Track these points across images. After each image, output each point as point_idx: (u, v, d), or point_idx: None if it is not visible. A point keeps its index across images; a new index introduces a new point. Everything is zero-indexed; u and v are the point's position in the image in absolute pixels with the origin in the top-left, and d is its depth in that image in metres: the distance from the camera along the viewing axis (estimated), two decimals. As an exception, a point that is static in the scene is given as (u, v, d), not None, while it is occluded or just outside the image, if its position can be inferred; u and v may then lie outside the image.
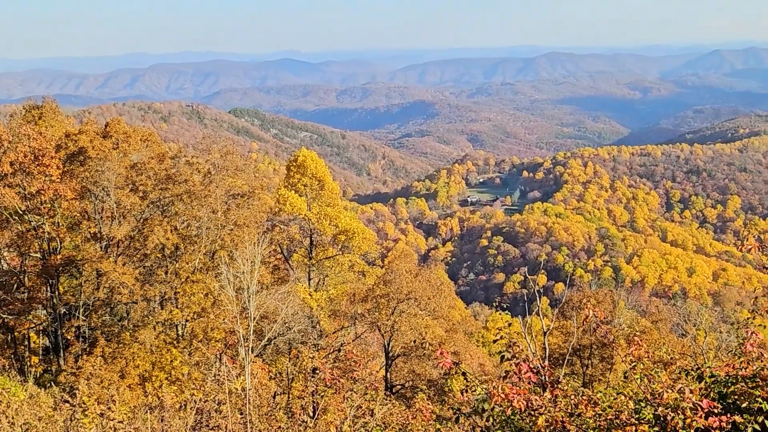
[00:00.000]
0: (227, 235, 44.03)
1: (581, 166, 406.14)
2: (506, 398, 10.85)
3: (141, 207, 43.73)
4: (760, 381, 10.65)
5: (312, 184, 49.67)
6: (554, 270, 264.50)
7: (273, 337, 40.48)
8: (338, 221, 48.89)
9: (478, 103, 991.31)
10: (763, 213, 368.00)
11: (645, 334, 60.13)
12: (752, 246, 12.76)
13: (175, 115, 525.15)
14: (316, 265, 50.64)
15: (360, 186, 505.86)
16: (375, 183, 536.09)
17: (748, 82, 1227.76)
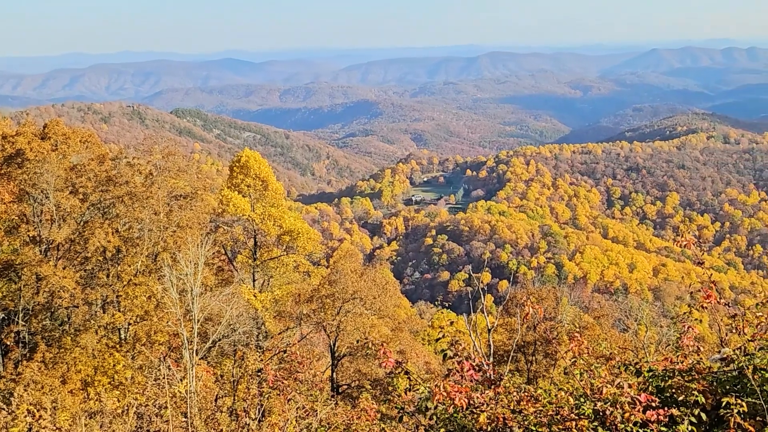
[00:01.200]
0: (170, 236, 43.51)
1: (524, 164, 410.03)
2: (448, 396, 10.92)
3: (81, 209, 43.04)
4: (696, 374, 10.90)
5: (255, 185, 49.42)
6: (498, 267, 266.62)
7: (217, 339, 40.23)
8: (282, 221, 48.72)
9: (421, 102, 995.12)
10: (701, 209, 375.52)
11: (587, 330, 61.01)
12: (688, 241, 13.01)
13: (116, 115, 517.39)
14: (261, 266, 50.39)
15: (304, 186, 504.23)
16: (319, 183, 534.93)
17: (685, 80, 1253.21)
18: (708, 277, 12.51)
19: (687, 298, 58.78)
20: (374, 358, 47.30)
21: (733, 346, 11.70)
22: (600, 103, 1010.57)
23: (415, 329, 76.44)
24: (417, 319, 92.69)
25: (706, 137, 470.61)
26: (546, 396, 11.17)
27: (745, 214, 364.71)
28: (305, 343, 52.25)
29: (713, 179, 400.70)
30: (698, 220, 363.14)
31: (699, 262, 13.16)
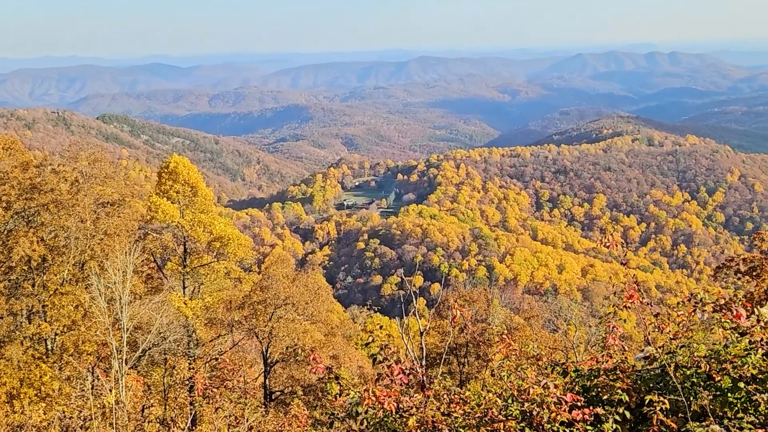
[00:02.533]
0: (97, 244, 42.75)
1: (454, 168, 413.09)
2: (377, 401, 10.98)
3: (4, 218, 42.01)
4: (621, 373, 11.14)
5: (185, 191, 48.88)
6: (430, 271, 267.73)
7: (147, 347, 39.64)
8: (213, 228, 48.28)
9: (351, 106, 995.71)
10: (627, 210, 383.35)
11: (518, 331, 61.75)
12: (612, 242, 13.31)
13: (40, 122, 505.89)
14: (191, 273, 49.86)
15: (235, 191, 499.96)
16: (250, 188, 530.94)
17: (610, 84, 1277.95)
18: (631, 277, 12.82)
19: (613, 298, 60.77)
20: (306, 364, 47.12)
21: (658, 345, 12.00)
22: (528, 107, 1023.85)
23: (348, 334, 76.38)
24: (350, 324, 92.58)
25: (631, 140, 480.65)
26: (475, 398, 11.31)
27: (670, 215, 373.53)
28: (237, 350, 51.87)
29: (638, 181, 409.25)
30: (624, 221, 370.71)
31: (623, 263, 13.48)
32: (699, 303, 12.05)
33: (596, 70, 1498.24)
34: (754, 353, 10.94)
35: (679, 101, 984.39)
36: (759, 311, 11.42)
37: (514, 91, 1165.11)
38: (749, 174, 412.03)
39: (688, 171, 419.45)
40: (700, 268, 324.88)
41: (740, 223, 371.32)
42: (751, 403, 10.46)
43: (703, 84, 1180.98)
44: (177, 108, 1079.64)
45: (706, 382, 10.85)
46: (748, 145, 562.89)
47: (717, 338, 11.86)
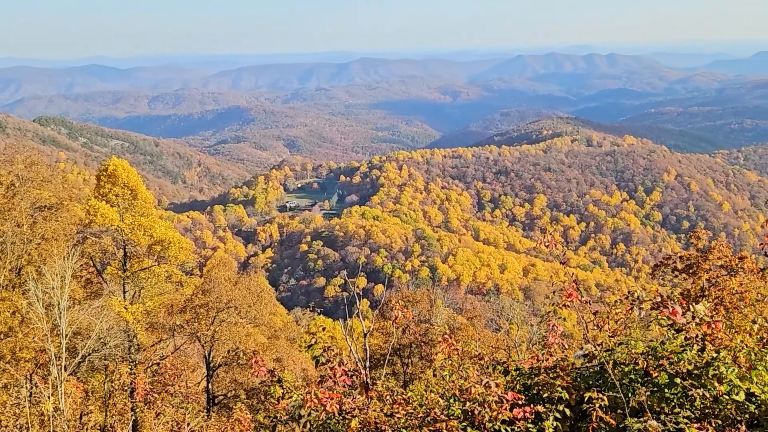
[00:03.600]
0: (34, 249, 41.93)
1: (396, 169, 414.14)
2: (320, 403, 10.99)
3: (-63, 223, 41.05)
4: (561, 371, 11.31)
5: (124, 194, 48.21)
6: (374, 272, 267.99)
7: (87, 353, 39.00)
8: (153, 231, 47.69)
9: (293, 108, 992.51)
10: (567, 210, 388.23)
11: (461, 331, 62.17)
12: (551, 241, 13.51)
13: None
14: (132, 277, 49.18)
15: (176, 194, 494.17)
16: (191, 191, 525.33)
17: (549, 85, 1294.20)
18: (570, 276, 13.01)
19: (553, 297, 61.16)
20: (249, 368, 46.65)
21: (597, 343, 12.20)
22: (469, 108, 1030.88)
23: (292, 336, 76.06)
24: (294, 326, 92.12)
25: (570, 140, 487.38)
26: (417, 398, 11.39)
27: (609, 214, 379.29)
28: (179, 355, 51.30)
29: (578, 181, 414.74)
30: (565, 220, 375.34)
31: (563, 262, 13.68)
32: (636, 301, 12.27)
33: (536, 72, 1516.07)
34: (689, 349, 11.19)
35: (617, 102, 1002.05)
36: (694, 308, 11.67)
37: (455, 93, 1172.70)
38: (685, 173, 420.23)
39: (626, 171, 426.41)
40: (639, 267, 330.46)
41: (677, 222, 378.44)
42: (687, 398, 10.69)
43: (640, 85, 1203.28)
44: (116, 110, 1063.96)
45: (643, 379, 11.06)
46: (684, 145, 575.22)
47: (655, 335, 12.09)
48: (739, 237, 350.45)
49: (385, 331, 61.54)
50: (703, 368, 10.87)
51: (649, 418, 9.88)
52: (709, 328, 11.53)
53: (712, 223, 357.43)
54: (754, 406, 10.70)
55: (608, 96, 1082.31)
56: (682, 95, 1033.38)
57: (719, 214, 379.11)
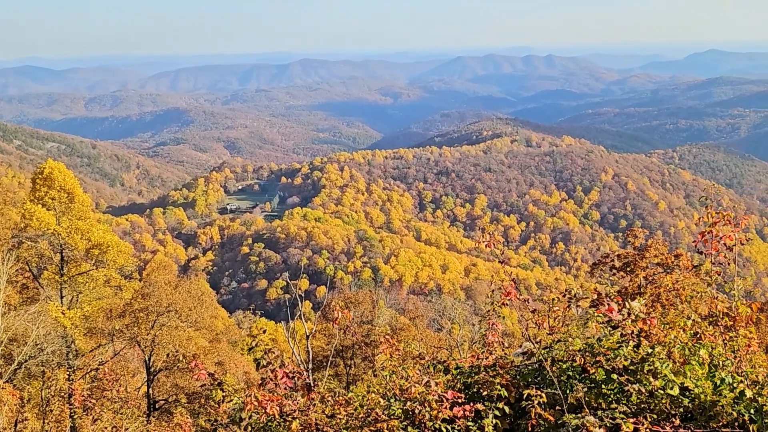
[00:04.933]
0: (-32, 255, 41.06)
1: (338, 170, 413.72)
2: (260, 405, 10.96)
3: None
4: (500, 369, 11.46)
5: (61, 197, 47.43)
6: (316, 274, 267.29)
7: (24, 360, 38.32)
8: (91, 235, 46.98)
9: (233, 110, 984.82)
10: (507, 210, 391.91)
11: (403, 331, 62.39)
12: (489, 241, 13.68)
13: None
14: (69, 282, 48.38)
15: (114, 197, 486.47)
16: (130, 193, 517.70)
17: (489, 87, 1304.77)
18: (509, 275, 13.18)
19: (492, 296, 60.66)
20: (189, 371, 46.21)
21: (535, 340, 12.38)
22: (410, 110, 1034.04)
23: (233, 339, 75.68)
24: (235, 329, 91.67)
25: (510, 141, 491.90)
26: (358, 399, 11.43)
27: (548, 214, 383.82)
28: (119, 360, 50.64)
29: (518, 181, 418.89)
30: (505, 220, 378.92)
31: (502, 261, 13.84)
32: (573, 298, 12.48)
33: (476, 73, 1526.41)
34: (625, 345, 11.41)
35: (556, 103, 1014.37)
36: (630, 305, 11.90)
37: (396, 94, 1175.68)
38: (622, 173, 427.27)
39: (565, 171, 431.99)
40: (578, 265, 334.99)
41: (614, 221, 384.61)
42: (623, 394, 10.90)
43: (577, 86, 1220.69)
44: (52, 112, 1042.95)
45: (581, 375, 11.25)
46: (621, 145, 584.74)
47: (592, 332, 12.31)
48: (674, 235, 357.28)
49: (328, 333, 61.50)
50: (638, 364, 11.08)
51: (587, 413, 10.05)
52: (645, 324, 11.77)
53: (649, 222, 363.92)
54: (688, 400, 10.95)
55: (547, 97, 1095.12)
56: (619, 96, 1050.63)
57: (655, 212, 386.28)
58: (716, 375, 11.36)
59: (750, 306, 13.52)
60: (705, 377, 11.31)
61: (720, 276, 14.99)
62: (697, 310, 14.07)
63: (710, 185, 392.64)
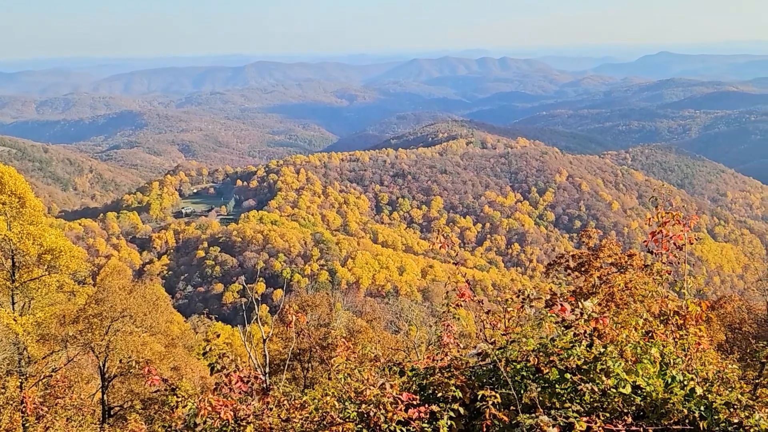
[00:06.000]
0: None
1: (294, 173, 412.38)
2: (214, 410, 10.91)
3: None
4: (455, 370, 11.53)
5: (11, 202, 46.70)
6: (272, 277, 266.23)
7: (-26, 368, 37.68)
8: (43, 240, 46.33)
9: (188, 112, 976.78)
10: (464, 211, 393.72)
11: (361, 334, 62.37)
12: (443, 243, 13.78)
13: None
14: (21, 288, 47.63)
15: (67, 201, 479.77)
16: (83, 198, 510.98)
17: (444, 89, 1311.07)
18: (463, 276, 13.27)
19: (447, 297, 60.12)
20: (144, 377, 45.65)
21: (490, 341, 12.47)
22: (365, 112, 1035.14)
23: (189, 344, 75.06)
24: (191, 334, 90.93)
25: (465, 143, 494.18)
26: (314, 402, 11.42)
27: (504, 215, 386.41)
28: (72, 366, 50.02)
29: (473, 183, 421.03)
30: (461, 222, 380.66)
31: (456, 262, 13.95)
32: (526, 299, 12.60)
33: (431, 76, 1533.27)
34: (578, 345, 11.55)
35: (510, 105, 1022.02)
36: (582, 305, 12.04)
37: (351, 96, 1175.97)
38: (576, 174, 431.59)
39: (520, 172, 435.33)
40: (534, 266, 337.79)
41: (569, 222, 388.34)
42: (576, 393, 11.03)
43: (531, 88, 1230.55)
44: (2, 115, 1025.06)
45: (535, 375, 11.37)
46: (575, 146, 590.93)
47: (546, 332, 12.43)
48: (628, 235, 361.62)
49: (285, 336, 61.22)
50: (591, 363, 11.22)
51: (541, 413, 10.15)
52: (597, 323, 11.92)
53: (603, 222, 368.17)
54: (640, 398, 11.11)
55: (501, 99, 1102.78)
56: (572, 98, 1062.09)
57: (609, 213, 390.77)
58: (667, 373, 11.54)
59: (700, 305, 13.76)
60: (656, 375, 11.49)
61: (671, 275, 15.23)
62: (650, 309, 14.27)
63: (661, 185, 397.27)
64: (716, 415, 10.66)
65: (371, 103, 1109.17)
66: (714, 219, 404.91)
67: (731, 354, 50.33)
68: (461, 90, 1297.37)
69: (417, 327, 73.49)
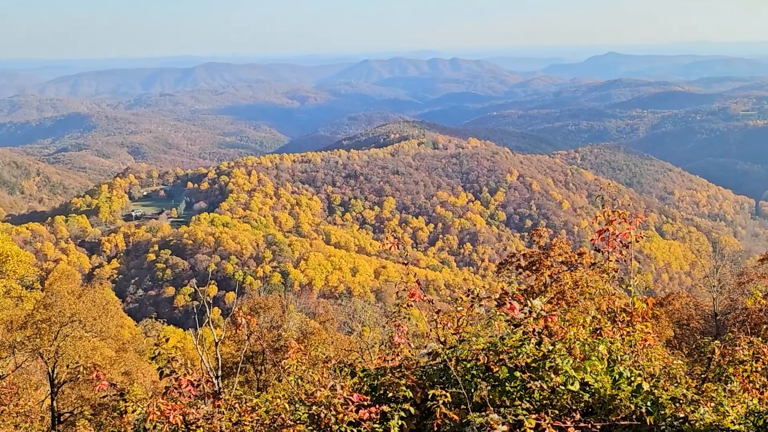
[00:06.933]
0: None
1: (245, 175, 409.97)
2: (162, 415, 10.84)
3: None
4: (406, 370, 11.59)
5: (-44, 207, 45.93)
6: (224, 279, 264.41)
7: None
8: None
9: (137, 114, 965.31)
10: (416, 212, 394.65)
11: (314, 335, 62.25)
12: (393, 243, 13.84)
13: None
14: (-34, 294, 46.86)
15: (13, 205, 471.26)
16: (30, 201, 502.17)
17: (395, 89, 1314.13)
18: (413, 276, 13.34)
19: (397, 297, 60.37)
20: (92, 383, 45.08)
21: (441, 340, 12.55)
22: (317, 113, 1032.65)
23: (141, 349, 74.34)
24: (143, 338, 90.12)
25: (417, 144, 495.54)
26: (264, 404, 11.39)
27: (455, 215, 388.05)
28: (21, 373, 49.22)
29: (425, 183, 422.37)
30: (414, 222, 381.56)
31: (405, 263, 14.01)
32: (476, 298, 12.71)
33: (382, 77, 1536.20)
34: (527, 343, 11.68)
35: (461, 105, 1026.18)
36: (531, 303, 12.18)
37: (302, 97, 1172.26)
38: (527, 174, 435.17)
39: (471, 172, 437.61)
40: (486, 265, 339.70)
41: (520, 221, 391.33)
42: (526, 391, 11.15)
43: (482, 89, 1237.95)
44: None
45: (485, 374, 11.47)
46: (525, 146, 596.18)
47: (497, 331, 12.54)
48: (578, 234, 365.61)
49: (238, 339, 60.91)
50: (540, 361, 11.36)
51: (491, 411, 10.24)
52: (546, 322, 12.06)
53: (553, 221, 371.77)
54: (588, 394, 11.27)
55: (452, 99, 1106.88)
56: (522, 98, 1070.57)
57: (559, 212, 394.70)
58: (615, 370, 11.72)
59: (646, 302, 14.00)
60: (604, 372, 11.66)
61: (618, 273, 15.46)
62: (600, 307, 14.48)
63: (607, 184, 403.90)
64: (662, 410, 10.85)
65: (323, 104, 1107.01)
66: (662, 217, 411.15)
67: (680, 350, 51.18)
68: (412, 91, 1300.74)
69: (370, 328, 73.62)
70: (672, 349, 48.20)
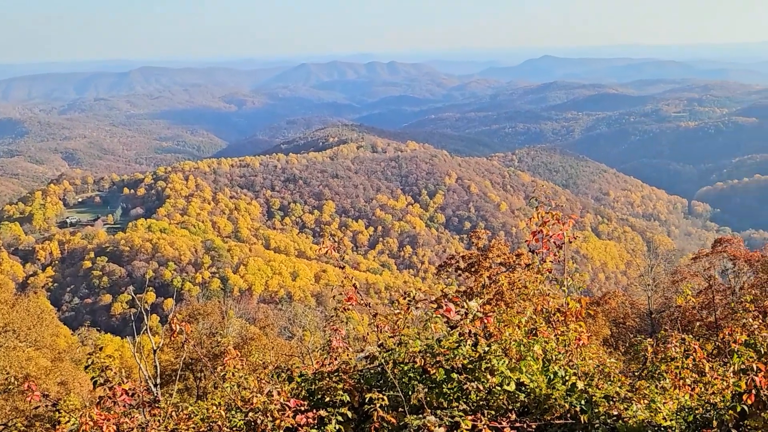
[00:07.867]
0: None
1: (183, 180, 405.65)
2: (95, 425, 10.70)
3: None
4: (344, 374, 11.60)
5: None
6: (163, 286, 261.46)
7: None
8: None
9: (71, 119, 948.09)
10: (356, 215, 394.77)
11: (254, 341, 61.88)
12: (328, 247, 13.85)
13: None
14: None
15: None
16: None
17: (333, 93, 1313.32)
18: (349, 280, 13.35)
19: (333, 301, 59.78)
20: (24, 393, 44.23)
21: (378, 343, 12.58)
22: (255, 117, 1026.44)
23: (77, 358, 73.12)
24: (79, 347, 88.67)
25: (356, 147, 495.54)
26: (200, 412, 11.31)
27: (395, 218, 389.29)
28: (-49, 386, 48.03)
29: (365, 186, 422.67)
30: (354, 225, 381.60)
31: (340, 266, 14.02)
32: (412, 301, 12.77)
33: (320, 80, 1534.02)
34: (464, 344, 11.77)
35: (399, 109, 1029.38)
36: (468, 305, 12.27)
37: (240, 101, 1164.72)
38: (465, 176, 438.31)
39: (410, 175, 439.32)
40: (426, 267, 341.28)
41: (459, 223, 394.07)
42: (462, 392, 11.24)
43: (420, 92, 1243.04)
44: None
45: (422, 376, 11.53)
46: (463, 149, 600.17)
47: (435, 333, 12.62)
48: (516, 235, 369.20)
49: (176, 346, 60.27)
50: (476, 362, 11.46)
51: (428, 413, 10.30)
52: (482, 323, 12.17)
53: (492, 223, 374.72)
54: (524, 394, 11.41)
55: (390, 103, 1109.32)
56: (460, 101, 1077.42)
57: (497, 214, 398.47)
58: (550, 369, 11.88)
59: (579, 301, 14.22)
60: (539, 372, 11.81)
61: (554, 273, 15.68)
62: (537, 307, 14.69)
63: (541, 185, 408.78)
64: (596, 408, 11.03)
65: (261, 108, 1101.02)
66: (598, 217, 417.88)
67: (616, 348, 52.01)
68: (350, 94, 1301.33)
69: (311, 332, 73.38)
70: (609, 348, 49.00)
